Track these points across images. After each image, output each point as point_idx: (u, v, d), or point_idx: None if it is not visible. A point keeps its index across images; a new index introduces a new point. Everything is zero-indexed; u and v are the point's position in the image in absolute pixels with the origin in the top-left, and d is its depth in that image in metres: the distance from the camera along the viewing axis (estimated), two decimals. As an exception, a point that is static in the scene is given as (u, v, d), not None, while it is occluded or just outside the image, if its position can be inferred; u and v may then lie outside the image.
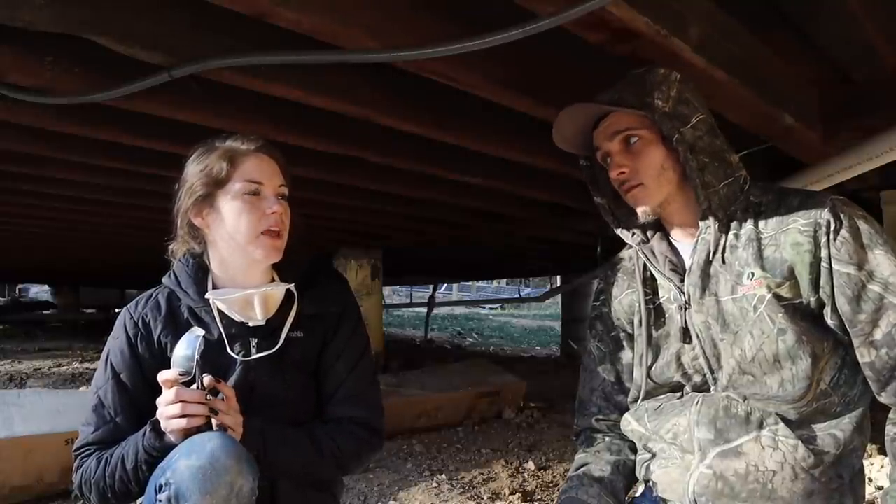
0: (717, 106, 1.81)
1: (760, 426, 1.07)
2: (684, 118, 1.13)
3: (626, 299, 1.29)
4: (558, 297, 8.50)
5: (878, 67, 1.94)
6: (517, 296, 14.11)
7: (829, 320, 1.07)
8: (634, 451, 1.27)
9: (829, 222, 1.05)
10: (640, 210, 1.17)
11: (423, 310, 10.51)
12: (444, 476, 2.97)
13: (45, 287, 13.83)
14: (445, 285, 18.00)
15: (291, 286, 1.25)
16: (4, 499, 2.48)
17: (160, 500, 1.00)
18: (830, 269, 1.04)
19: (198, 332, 1.09)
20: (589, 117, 1.20)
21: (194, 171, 1.21)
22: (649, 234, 1.23)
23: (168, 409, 1.05)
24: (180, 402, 1.05)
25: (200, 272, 1.24)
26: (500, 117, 2.11)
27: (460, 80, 1.65)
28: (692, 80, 1.22)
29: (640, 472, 1.23)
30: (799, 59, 1.93)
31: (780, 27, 1.75)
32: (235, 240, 1.19)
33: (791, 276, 1.07)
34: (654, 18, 1.30)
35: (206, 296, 1.21)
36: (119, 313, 1.32)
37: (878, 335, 1.02)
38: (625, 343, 1.29)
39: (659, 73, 1.18)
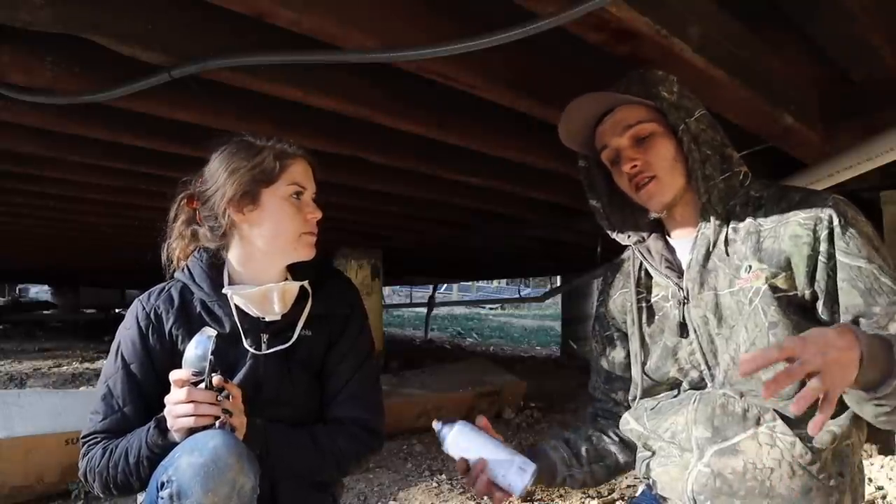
0: (718, 106, 1.81)
1: (758, 423, 1.07)
2: (688, 110, 1.16)
3: (619, 299, 1.30)
4: (558, 297, 8.49)
5: (878, 67, 1.94)
6: (517, 296, 14.10)
7: (822, 314, 1.06)
8: (622, 444, 1.30)
9: (831, 218, 1.05)
10: (652, 204, 1.16)
11: (423, 310, 10.50)
12: (444, 476, 2.97)
13: (45, 287, 13.81)
14: (445, 285, 17.99)
15: (306, 283, 1.27)
16: (4, 499, 2.49)
17: (162, 498, 1.00)
18: (828, 263, 1.04)
19: (210, 332, 1.10)
20: (593, 112, 1.20)
21: (241, 165, 1.21)
22: (644, 235, 1.23)
23: (177, 408, 1.06)
24: (191, 402, 1.05)
25: (214, 268, 1.26)
26: (501, 117, 2.11)
27: (460, 80, 1.65)
28: (692, 81, 1.23)
29: (639, 471, 1.24)
30: (799, 59, 1.94)
31: (780, 27, 1.75)
32: (277, 238, 1.22)
33: (787, 266, 1.07)
34: (654, 18, 1.30)
35: (224, 290, 1.22)
36: (119, 313, 1.33)
37: (893, 329, 1.00)
38: (618, 342, 1.32)
39: (657, 72, 1.21)
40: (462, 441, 1.13)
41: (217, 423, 1.06)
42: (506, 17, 1.31)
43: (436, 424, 1.17)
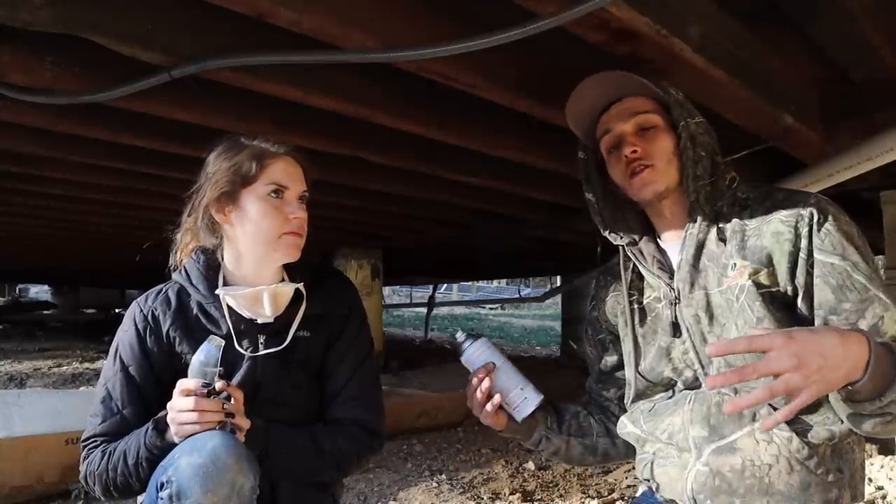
0: (718, 106, 1.81)
1: (754, 419, 1.08)
2: (690, 112, 1.19)
3: (610, 301, 1.32)
4: (558, 297, 8.49)
5: (877, 67, 1.94)
6: (517, 296, 14.10)
7: (801, 310, 1.07)
8: (606, 430, 1.32)
9: (812, 214, 1.06)
10: (645, 192, 1.18)
11: (423, 310, 10.51)
12: (444, 476, 2.97)
13: (45, 287, 13.80)
14: (445, 285, 17.99)
15: (300, 285, 1.26)
16: (5, 498, 2.49)
17: (161, 498, 1.00)
18: (808, 260, 1.05)
19: (218, 341, 1.10)
20: (601, 98, 1.22)
21: (221, 166, 1.22)
22: (636, 237, 1.24)
23: (182, 416, 1.06)
24: (197, 411, 1.05)
25: (211, 269, 1.26)
26: (501, 117, 2.11)
27: (460, 80, 1.65)
28: (692, 81, 1.23)
29: (640, 473, 1.24)
30: (799, 59, 1.93)
31: (780, 27, 1.75)
32: (257, 238, 1.21)
33: (769, 263, 1.08)
34: (654, 18, 1.30)
35: (217, 291, 1.22)
36: (119, 313, 1.33)
37: (863, 325, 1.01)
38: (611, 345, 1.34)
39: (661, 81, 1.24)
40: (486, 353, 1.19)
41: (218, 426, 1.06)
42: (506, 17, 1.31)
43: (459, 335, 1.23)
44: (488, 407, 1.17)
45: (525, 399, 1.18)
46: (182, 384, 1.08)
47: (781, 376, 0.84)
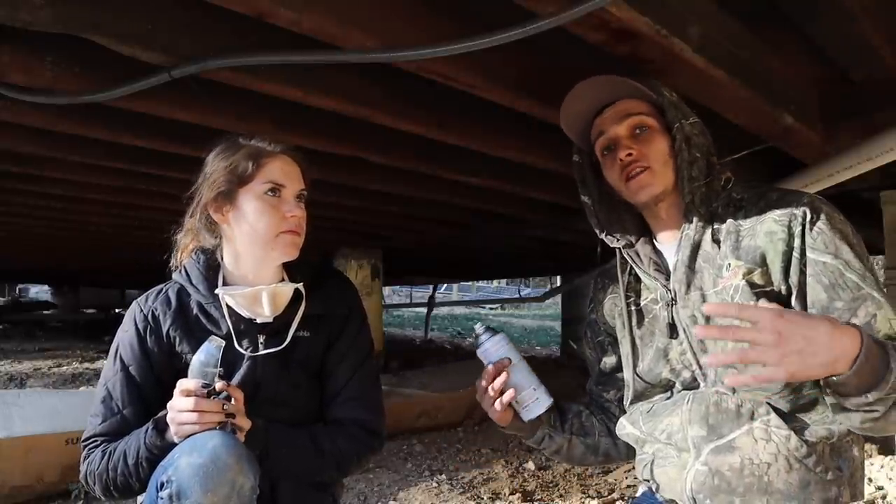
0: (718, 106, 1.81)
1: (752, 418, 1.08)
2: (685, 113, 1.19)
3: (608, 303, 1.33)
4: (558, 297, 8.50)
5: (878, 67, 1.94)
6: (517, 296, 14.11)
7: (796, 309, 1.07)
8: (608, 430, 1.32)
9: (805, 213, 1.06)
10: (641, 195, 1.17)
11: (423, 310, 10.51)
12: (444, 476, 2.97)
13: (45, 287, 13.80)
14: (445, 285, 17.99)
15: (300, 285, 1.26)
16: (4, 498, 2.49)
17: (161, 498, 1.01)
18: (801, 259, 1.05)
19: (218, 341, 1.10)
20: (596, 101, 1.22)
21: (219, 166, 1.22)
22: (632, 238, 1.24)
23: (182, 416, 1.06)
24: (197, 411, 1.05)
25: (211, 268, 1.26)
26: (501, 117, 2.11)
27: (460, 80, 1.65)
28: (692, 81, 1.24)
29: (640, 473, 1.24)
30: (799, 59, 1.93)
31: (780, 27, 1.75)
32: (255, 238, 1.21)
33: (763, 262, 1.08)
34: (654, 18, 1.30)
35: (216, 291, 1.22)
36: (119, 313, 1.33)
37: (856, 323, 1.00)
38: (609, 347, 1.34)
39: (653, 80, 1.24)
40: (503, 349, 1.20)
41: (218, 426, 1.06)
42: (506, 17, 1.31)
43: (478, 327, 1.25)
44: (497, 404, 1.18)
45: (537, 400, 1.19)
46: (182, 384, 1.08)
47: (756, 346, 0.85)
